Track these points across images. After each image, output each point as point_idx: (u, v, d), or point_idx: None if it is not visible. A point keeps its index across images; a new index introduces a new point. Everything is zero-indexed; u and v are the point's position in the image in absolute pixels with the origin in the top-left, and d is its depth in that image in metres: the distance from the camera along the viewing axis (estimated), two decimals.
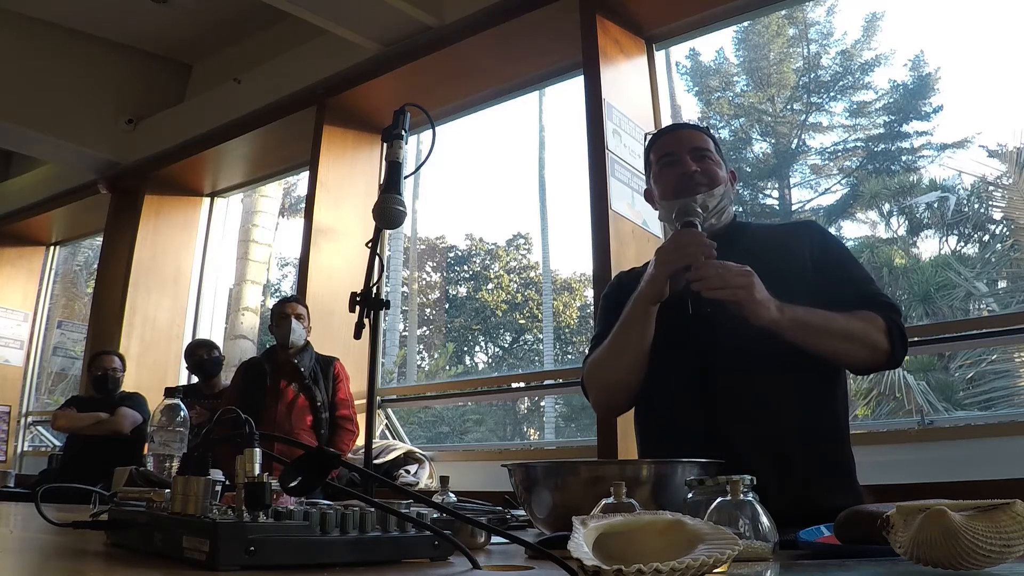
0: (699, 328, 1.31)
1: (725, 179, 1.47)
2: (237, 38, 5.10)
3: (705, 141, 1.49)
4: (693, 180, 1.42)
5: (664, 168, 1.49)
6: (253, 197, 9.11)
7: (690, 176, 1.42)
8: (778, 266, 1.36)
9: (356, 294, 1.42)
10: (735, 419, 1.31)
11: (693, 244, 1.27)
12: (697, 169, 1.43)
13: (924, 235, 13.52)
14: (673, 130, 1.56)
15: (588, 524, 0.64)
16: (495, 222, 31.26)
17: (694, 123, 1.56)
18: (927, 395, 9.35)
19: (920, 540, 0.62)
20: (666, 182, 1.47)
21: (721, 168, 1.47)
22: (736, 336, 1.30)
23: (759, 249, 1.42)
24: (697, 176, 1.42)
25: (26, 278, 6.86)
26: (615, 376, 1.41)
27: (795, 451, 1.31)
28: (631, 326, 1.35)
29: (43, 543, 0.92)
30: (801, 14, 15.56)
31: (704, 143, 1.48)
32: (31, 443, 6.50)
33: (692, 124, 1.55)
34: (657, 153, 1.52)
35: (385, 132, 1.51)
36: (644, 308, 1.32)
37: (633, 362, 1.36)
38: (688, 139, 1.49)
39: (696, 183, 1.42)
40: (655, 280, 1.30)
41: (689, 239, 1.28)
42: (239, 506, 0.67)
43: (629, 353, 1.36)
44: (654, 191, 1.53)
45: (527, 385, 5.65)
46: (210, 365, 3.90)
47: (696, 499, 0.87)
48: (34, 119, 5.06)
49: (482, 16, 3.64)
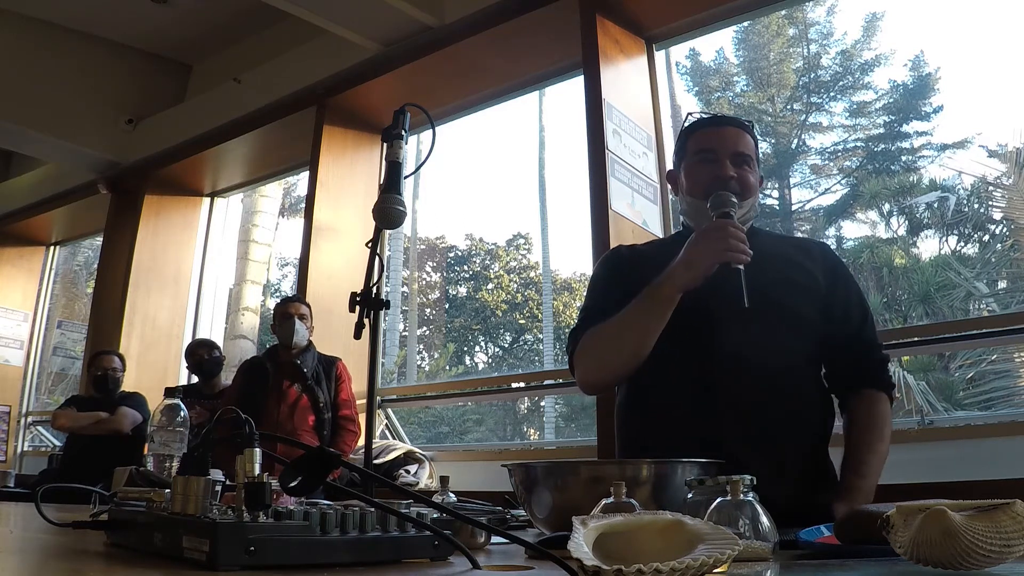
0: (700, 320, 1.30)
1: (755, 188, 1.43)
2: (237, 38, 5.10)
3: (748, 146, 1.43)
4: (727, 186, 1.36)
5: (700, 164, 1.42)
6: (253, 197, 9.11)
7: (725, 182, 1.37)
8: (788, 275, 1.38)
9: (356, 294, 1.42)
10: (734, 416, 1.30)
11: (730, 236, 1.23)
12: (734, 176, 1.38)
13: (924, 235, 13.51)
14: (719, 125, 1.46)
15: (588, 524, 0.64)
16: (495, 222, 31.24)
17: (740, 119, 1.47)
18: (927, 395, 9.35)
19: (920, 540, 0.62)
20: (699, 179, 1.41)
21: (756, 176, 1.43)
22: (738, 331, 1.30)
23: (772, 256, 1.40)
24: (732, 184, 1.37)
25: (26, 278, 6.86)
26: (618, 356, 1.36)
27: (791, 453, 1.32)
28: (652, 309, 1.29)
29: (43, 543, 0.92)
30: (801, 14, 15.56)
31: (747, 148, 1.42)
32: (31, 443, 6.50)
33: (738, 121, 1.47)
34: (697, 144, 1.44)
35: (385, 132, 1.51)
36: (672, 293, 1.27)
37: (641, 345, 1.31)
38: (733, 141, 1.42)
39: (730, 191, 1.36)
40: (695, 267, 1.24)
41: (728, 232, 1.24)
42: (239, 506, 0.67)
43: (640, 335, 1.31)
44: (682, 181, 1.46)
45: (527, 385, 5.65)
46: (210, 365, 3.90)
47: (696, 499, 0.87)
48: (34, 119, 5.06)
49: (482, 16, 3.64)
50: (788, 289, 1.34)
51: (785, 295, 1.33)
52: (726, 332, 1.31)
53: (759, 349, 1.30)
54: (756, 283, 1.28)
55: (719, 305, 1.28)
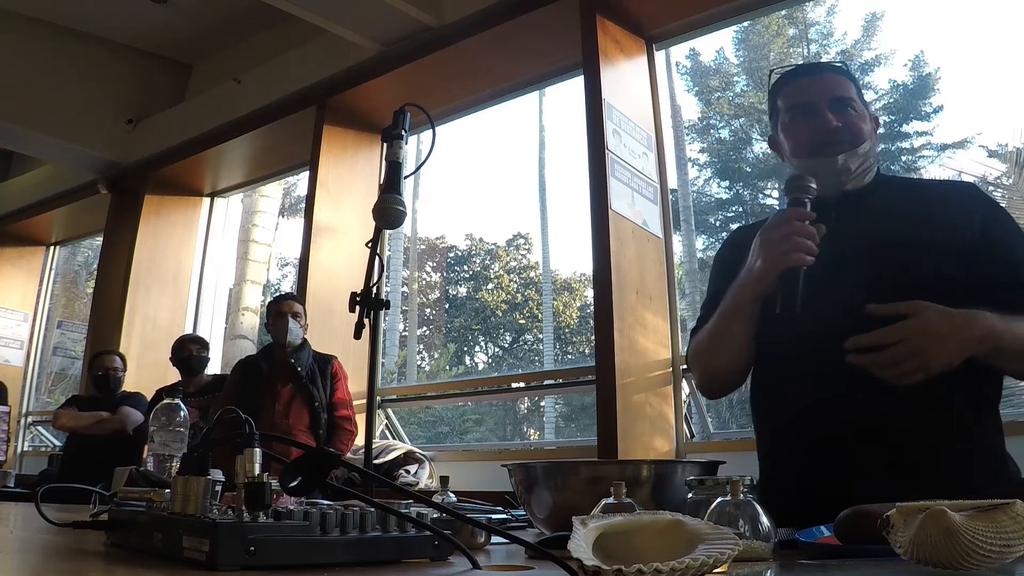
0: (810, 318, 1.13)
1: (870, 132, 1.26)
2: (237, 38, 5.10)
3: (848, 87, 1.27)
4: (835, 138, 1.22)
5: (798, 119, 1.27)
6: (253, 197, 9.10)
7: (832, 132, 1.22)
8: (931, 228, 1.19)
9: (356, 294, 1.43)
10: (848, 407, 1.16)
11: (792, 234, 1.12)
12: (839, 124, 1.23)
13: None
14: (811, 74, 1.32)
15: (588, 524, 0.64)
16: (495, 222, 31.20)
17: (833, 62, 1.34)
18: None
19: (920, 540, 0.62)
20: (800, 136, 1.27)
21: (865, 119, 1.27)
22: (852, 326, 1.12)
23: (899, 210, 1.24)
24: (840, 133, 1.22)
25: (26, 278, 6.86)
26: (717, 365, 1.31)
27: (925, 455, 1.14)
28: (734, 318, 1.23)
29: (43, 543, 0.92)
30: (801, 14, 15.55)
31: (847, 90, 1.27)
32: (31, 443, 6.50)
33: (831, 64, 1.32)
34: (788, 100, 1.30)
35: (385, 132, 1.52)
36: (748, 303, 1.20)
37: (735, 356, 1.26)
38: (830, 86, 1.27)
39: (838, 141, 1.22)
40: (762, 277, 1.15)
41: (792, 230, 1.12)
42: (239, 506, 0.67)
43: (731, 347, 1.26)
44: (783, 144, 1.31)
45: (527, 385, 5.65)
46: (196, 362, 3.88)
47: (696, 499, 0.87)
48: (34, 119, 5.06)
49: (482, 16, 3.64)
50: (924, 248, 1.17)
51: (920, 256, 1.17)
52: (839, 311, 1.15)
53: None
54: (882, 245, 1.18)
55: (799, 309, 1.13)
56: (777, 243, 1.13)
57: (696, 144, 16.63)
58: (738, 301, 1.21)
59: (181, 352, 3.89)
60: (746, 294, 1.19)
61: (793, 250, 1.11)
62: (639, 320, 3.09)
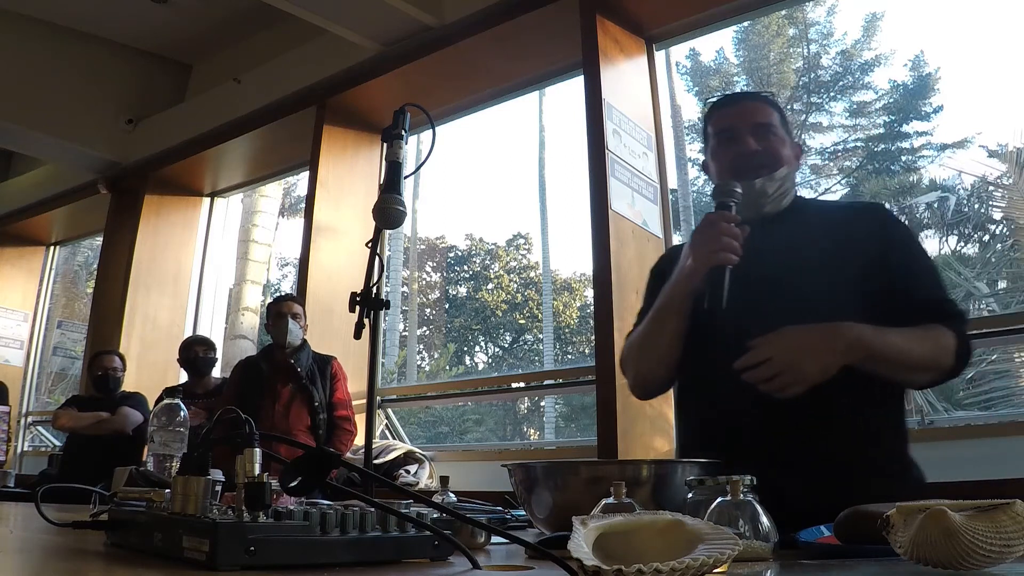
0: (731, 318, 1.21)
1: (789, 158, 1.36)
2: (237, 38, 5.10)
3: (769, 114, 1.37)
4: (753, 162, 1.31)
5: (723, 144, 1.37)
6: (253, 197, 9.10)
7: (750, 157, 1.32)
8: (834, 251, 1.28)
9: (356, 294, 1.42)
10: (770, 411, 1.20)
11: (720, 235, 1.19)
12: (759, 149, 1.32)
13: (924, 235, 13.49)
14: (735, 101, 1.42)
15: (588, 524, 0.64)
16: (495, 222, 31.20)
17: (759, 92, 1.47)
18: (927, 395, 9.32)
19: (920, 540, 0.62)
20: (723, 160, 1.36)
21: (785, 145, 1.36)
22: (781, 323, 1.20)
23: (816, 228, 1.33)
24: (758, 157, 1.32)
25: (26, 278, 6.86)
26: (647, 365, 1.38)
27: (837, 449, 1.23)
28: (665, 317, 1.31)
29: (43, 543, 0.92)
30: (801, 14, 15.55)
31: (768, 116, 1.36)
32: (31, 443, 6.50)
33: (756, 93, 1.43)
34: (716, 126, 1.40)
35: (385, 132, 1.52)
36: (680, 300, 1.27)
37: (666, 352, 1.32)
38: (751, 113, 1.36)
39: (757, 164, 1.31)
40: (693, 275, 1.23)
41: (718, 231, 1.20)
42: (239, 506, 0.67)
43: (662, 344, 1.32)
44: (711, 167, 1.41)
45: (527, 385, 5.65)
46: (203, 364, 3.89)
47: (696, 499, 0.87)
48: (34, 119, 5.06)
49: (482, 16, 3.64)
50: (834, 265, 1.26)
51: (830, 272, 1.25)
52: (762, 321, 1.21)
53: None
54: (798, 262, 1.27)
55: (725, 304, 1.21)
56: (706, 242, 1.21)
57: (696, 144, 16.61)
58: (670, 298, 1.29)
59: (188, 353, 3.90)
60: (678, 290, 1.27)
61: (720, 249, 1.19)
62: None
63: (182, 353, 3.95)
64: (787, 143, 1.37)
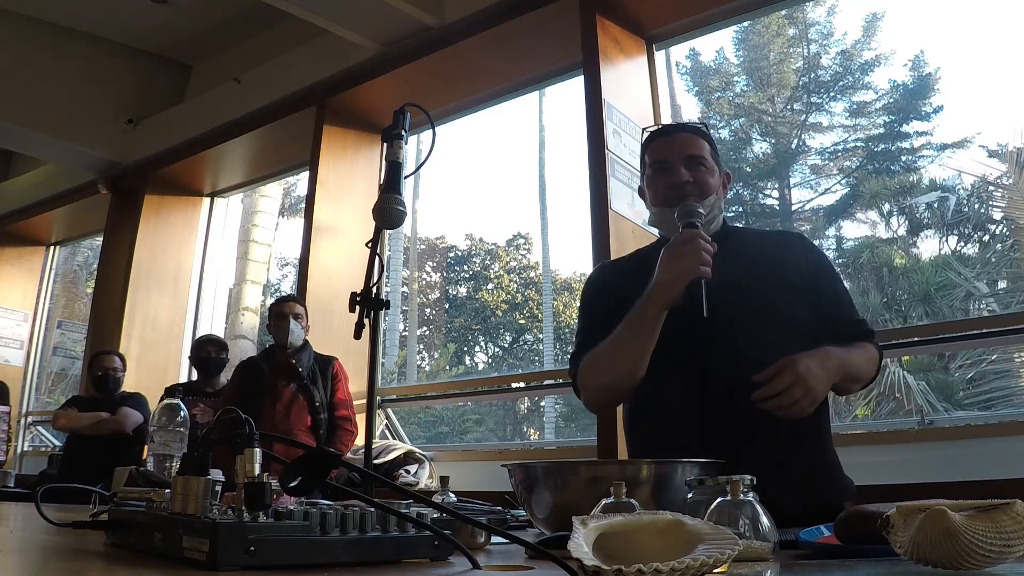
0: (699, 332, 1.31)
1: (716, 187, 1.47)
2: (237, 38, 5.10)
3: (700, 147, 1.48)
4: (683, 191, 1.42)
5: (657, 174, 1.49)
6: (253, 197, 9.10)
7: (680, 187, 1.43)
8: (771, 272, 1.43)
9: (356, 294, 1.42)
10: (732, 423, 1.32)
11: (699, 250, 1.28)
12: (689, 180, 1.43)
13: (924, 235, 13.50)
14: (668, 133, 1.54)
15: (588, 524, 0.64)
16: (495, 222, 31.21)
17: (690, 123, 1.57)
18: (927, 395, 9.34)
19: (920, 540, 0.62)
20: (657, 188, 1.48)
21: (714, 175, 1.47)
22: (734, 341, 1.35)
23: (751, 254, 1.47)
24: (688, 187, 1.43)
25: (26, 278, 6.86)
26: (613, 378, 1.40)
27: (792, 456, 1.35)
28: (639, 330, 1.33)
29: (43, 543, 0.92)
30: (801, 14, 15.55)
31: (699, 149, 1.47)
32: (31, 443, 6.50)
33: (688, 125, 1.55)
34: (652, 156, 1.51)
35: (385, 132, 1.51)
36: (656, 313, 1.32)
37: (636, 366, 1.35)
38: (683, 145, 1.48)
39: (686, 194, 1.42)
40: (671, 287, 1.29)
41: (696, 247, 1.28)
42: (239, 506, 0.67)
43: (633, 357, 1.35)
44: (647, 193, 1.53)
45: (527, 385, 5.65)
46: (214, 364, 3.89)
47: (696, 499, 0.87)
48: (34, 119, 5.06)
49: (482, 16, 3.64)
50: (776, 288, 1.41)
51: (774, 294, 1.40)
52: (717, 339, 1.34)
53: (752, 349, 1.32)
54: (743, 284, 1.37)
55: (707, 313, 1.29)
56: (687, 256, 1.28)
57: None
58: (645, 312, 1.32)
59: (200, 352, 3.90)
60: (654, 304, 1.31)
61: (702, 263, 1.27)
62: None
63: (194, 352, 3.95)
64: (716, 172, 1.48)
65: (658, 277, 1.31)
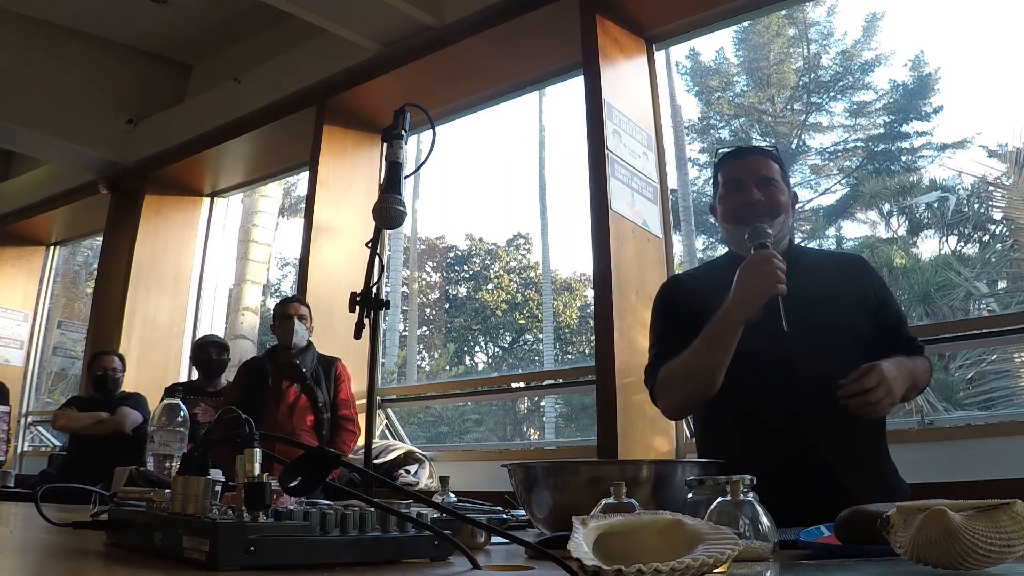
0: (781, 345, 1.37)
1: (786, 206, 1.54)
2: (237, 38, 5.10)
3: (772, 168, 1.55)
4: (756, 210, 1.49)
5: (730, 192, 1.55)
6: (253, 197, 9.10)
7: (753, 205, 1.50)
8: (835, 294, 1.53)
9: (356, 294, 1.42)
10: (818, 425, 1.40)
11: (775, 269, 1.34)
12: (761, 199, 1.50)
13: (924, 235, 13.50)
14: (742, 155, 1.60)
15: (588, 524, 0.64)
16: (495, 222, 31.22)
17: (763, 147, 1.63)
18: (927, 395, 9.32)
19: (920, 540, 0.62)
20: (729, 206, 1.55)
21: (784, 194, 1.55)
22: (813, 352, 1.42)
23: (819, 273, 1.57)
24: (760, 206, 1.50)
25: (26, 278, 6.86)
26: (695, 390, 1.46)
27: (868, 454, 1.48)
28: (717, 345, 1.39)
29: (43, 543, 0.92)
30: (801, 14, 15.54)
31: (770, 171, 1.54)
32: (31, 443, 6.50)
33: (760, 148, 1.62)
34: (725, 175, 1.59)
35: (385, 132, 1.52)
36: (734, 330, 1.37)
37: (713, 379, 1.41)
38: (755, 166, 1.55)
39: (759, 213, 1.49)
40: (750, 305, 1.35)
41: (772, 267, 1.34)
42: (239, 506, 0.67)
43: (711, 370, 1.41)
44: (719, 209, 1.60)
45: (527, 385, 5.66)
46: (216, 366, 3.89)
47: (696, 499, 0.87)
48: (34, 119, 5.06)
49: (482, 16, 3.64)
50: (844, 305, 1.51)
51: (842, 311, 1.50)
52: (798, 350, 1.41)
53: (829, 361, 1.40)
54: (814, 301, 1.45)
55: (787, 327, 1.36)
56: (765, 275, 1.34)
57: (696, 144, 16.63)
58: (724, 328, 1.38)
59: (201, 354, 3.90)
60: (731, 322, 1.37)
61: (778, 281, 1.33)
62: (639, 320, 3.09)
63: (195, 353, 3.95)
64: (785, 193, 1.56)
65: (735, 296, 1.37)
